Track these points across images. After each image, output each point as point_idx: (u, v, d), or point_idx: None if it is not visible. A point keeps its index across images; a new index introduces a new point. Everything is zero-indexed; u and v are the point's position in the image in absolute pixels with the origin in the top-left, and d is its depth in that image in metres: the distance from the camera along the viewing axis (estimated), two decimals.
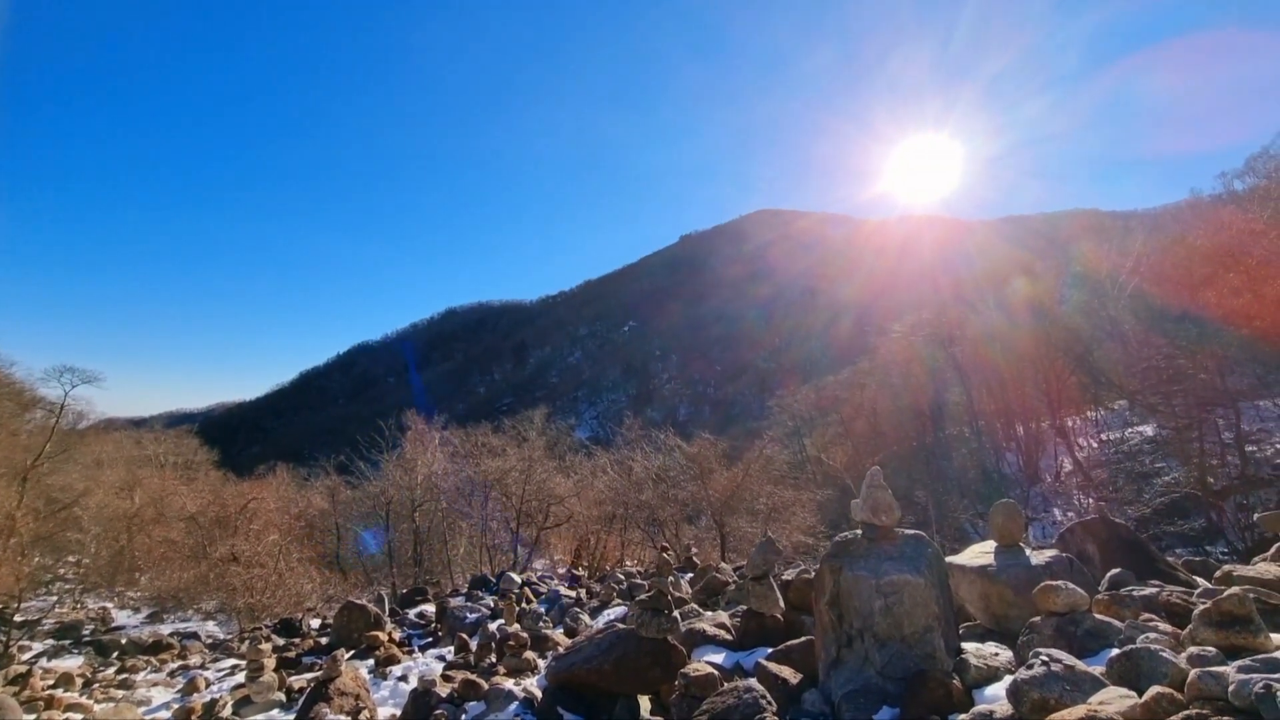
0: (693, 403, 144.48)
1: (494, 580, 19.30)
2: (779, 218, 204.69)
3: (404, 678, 10.74)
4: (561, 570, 27.38)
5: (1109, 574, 8.02)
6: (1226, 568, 8.08)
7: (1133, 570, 8.36)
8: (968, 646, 6.52)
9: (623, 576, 16.95)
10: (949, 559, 8.71)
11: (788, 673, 6.74)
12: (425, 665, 11.65)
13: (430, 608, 17.38)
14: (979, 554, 8.64)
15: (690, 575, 16.69)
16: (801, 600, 9.15)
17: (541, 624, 11.61)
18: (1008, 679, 4.84)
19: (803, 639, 7.65)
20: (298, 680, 10.88)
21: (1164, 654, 4.12)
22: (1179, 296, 27.15)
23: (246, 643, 13.45)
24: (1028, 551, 8.40)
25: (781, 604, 9.22)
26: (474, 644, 11.25)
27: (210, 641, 18.40)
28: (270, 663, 10.28)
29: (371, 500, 30.13)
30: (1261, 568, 7.48)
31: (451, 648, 12.24)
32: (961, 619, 8.48)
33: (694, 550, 22.21)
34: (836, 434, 42.50)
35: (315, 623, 18.98)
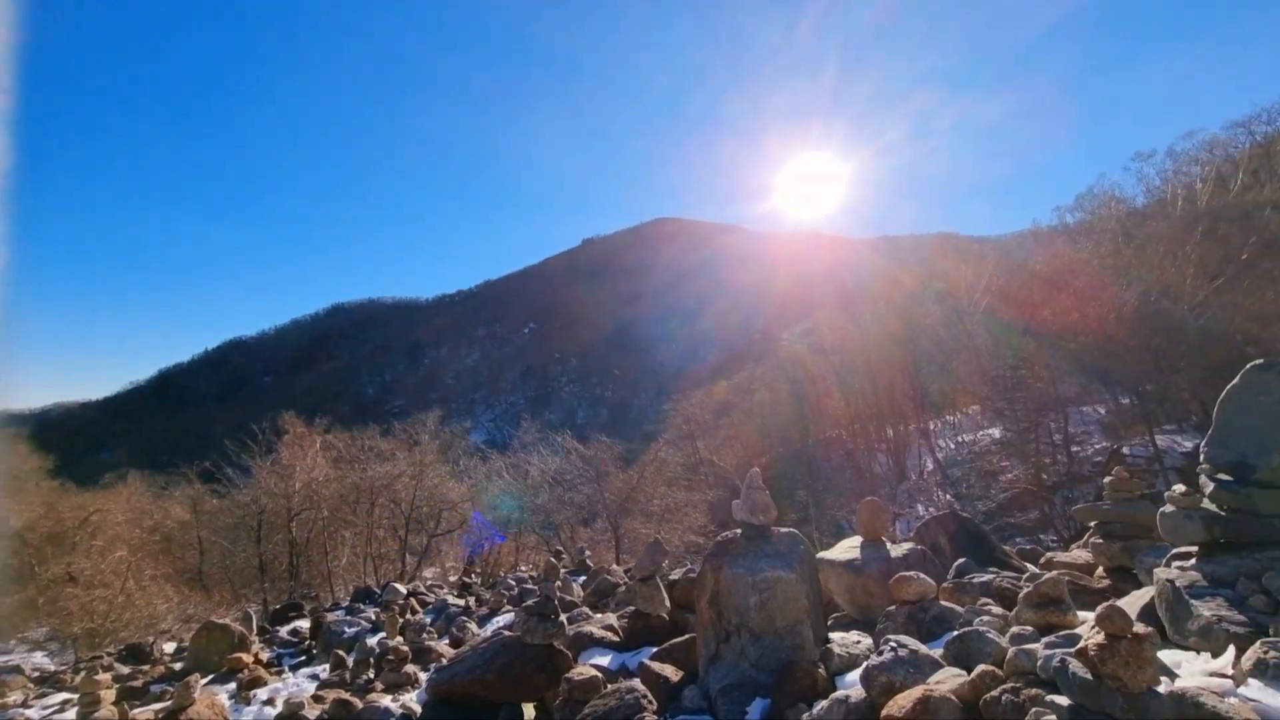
0: (591, 405, 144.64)
1: (379, 592, 18.40)
2: (679, 226, 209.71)
3: (270, 701, 9.98)
4: (453, 578, 26.54)
5: (956, 563, 8.87)
6: (1049, 554, 9.24)
7: (976, 559, 9.31)
8: (834, 636, 7.00)
9: (514, 582, 16.68)
10: (821, 554, 9.31)
11: (669, 671, 6.92)
12: (296, 686, 10.90)
13: (306, 624, 16.26)
14: (847, 549, 9.29)
15: (583, 578, 16.73)
16: (686, 599, 9.42)
17: (425, 635, 11.20)
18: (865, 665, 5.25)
19: (686, 637, 7.88)
20: (142, 712, 9.81)
21: (990, 635, 4.64)
22: (1021, 314, 31.04)
23: (82, 673, 11.92)
24: (889, 545, 9.15)
25: (667, 604, 9.46)
26: (351, 660, 10.66)
27: (37, 675, 16.11)
28: (109, 694, 9.18)
29: (241, 510, 27.68)
30: (1076, 553, 8.62)
31: (327, 665, 11.53)
32: (831, 610, 9.08)
33: (588, 553, 22.23)
34: (728, 437, 44.07)
35: (170, 647, 17.16)
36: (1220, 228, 24.96)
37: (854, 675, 5.53)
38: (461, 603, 16.00)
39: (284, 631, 16.06)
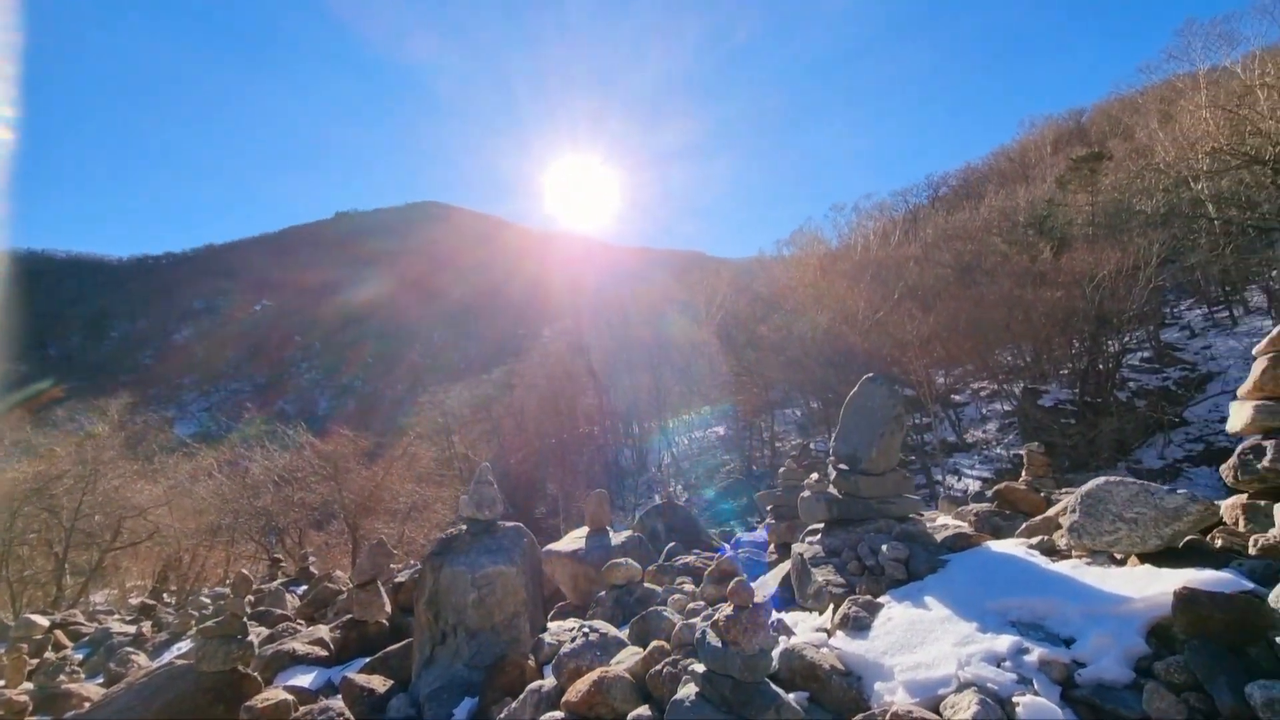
0: (336, 396, 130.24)
1: (11, 625, 14.35)
2: (446, 212, 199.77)
3: None
4: (135, 600, 21.91)
5: (667, 547, 9.87)
6: (738, 535, 10.81)
7: (684, 542, 10.46)
8: (551, 625, 7.26)
9: (208, 600, 14.29)
10: (549, 546, 9.65)
11: (377, 682, 6.53)
12: None
13: None
14: (574, 539, 9.75)
15: (304, 587, 15.14)
16: (411, 602, 9.02)
17: (64, 676, 8.98)
18: None
19: (403, 643, 7.53)
20: None
21: (665, 613, 5.23)
22: (746, 329, 36.41)
23: None
24: (612, 534, 9.83)
25: (388, 609, 8.96)
26: None
27: None
28: None
29: None
30: (759, 532, 10.21)
31: None
32: (558, 599, 9.46)
33: (312, 559, 20.01)
34: (485, 431, 43.37)
35: None
36: (883, 272, 32.32)
37: None
38: (133, 630, 13.20)
39: None
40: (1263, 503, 4.22)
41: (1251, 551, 3.87)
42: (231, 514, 26.07)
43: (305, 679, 7.59)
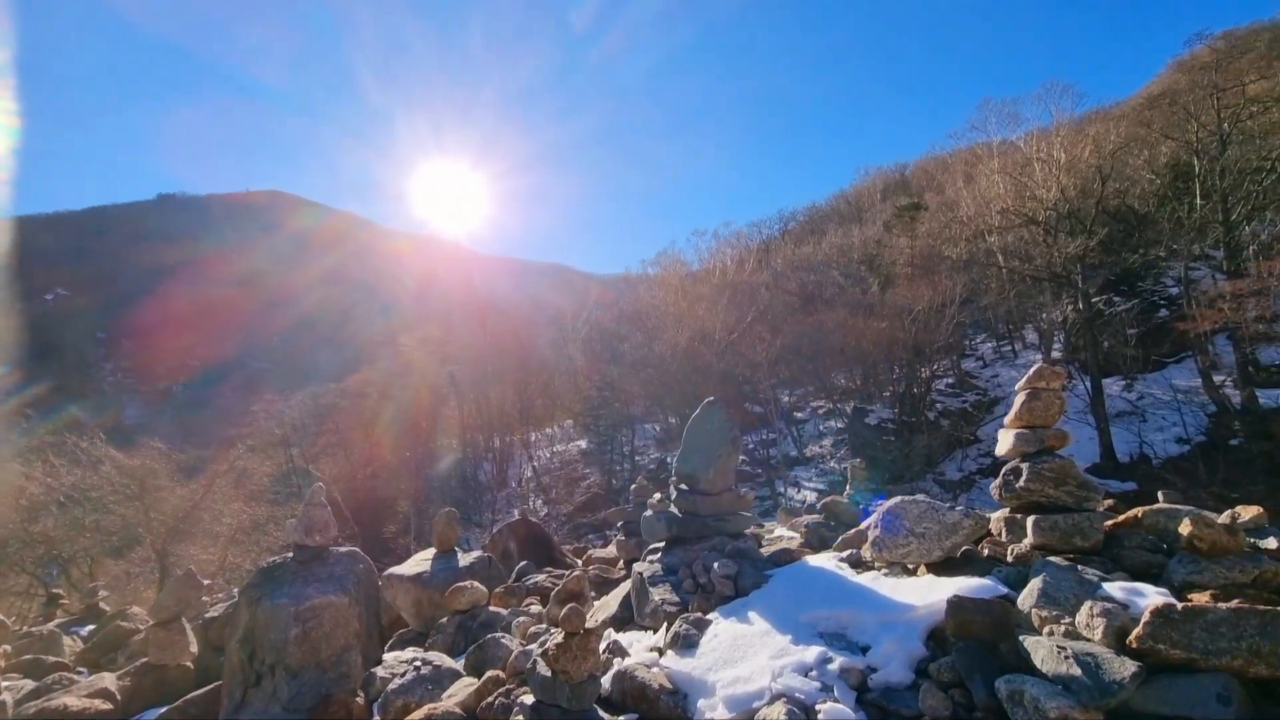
0: (150, 402, 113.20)
1: None
2: (294, 204, 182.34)
3: None
4: None
5: (518, 566, 9.69)
6: (590, 551, 10.89)
7: (537, 560, 10.33)
8: (387, 657, 6.82)
9: None
10: (391, 569, 9.09)
11: None
12: None
13: None
14: (419, 561, 9.27)
15: (91, 627, 13.13)
16: (224, 640, 8.10)
17: None
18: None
19: (210, 687, 6.78)
20: None
21: (504, 640, 5.14)
22: (609, 344, 37.17)
23: None
24: (460, 555, 9.47)
25: (194, 649, 7.98)
26: None
27: None
28: None
29: None
30: (610, 549, 10.34)
31: None
32: (400, 626, 8.92)
33: (104, 594, 17.26)
34: (331, 443, 40.04)
35: None
36: (738, 296, 34.62)
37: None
38: None
39: None
40: (1019, 516, 4.98)
41: (1009, 559, 4.57)
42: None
43: None
